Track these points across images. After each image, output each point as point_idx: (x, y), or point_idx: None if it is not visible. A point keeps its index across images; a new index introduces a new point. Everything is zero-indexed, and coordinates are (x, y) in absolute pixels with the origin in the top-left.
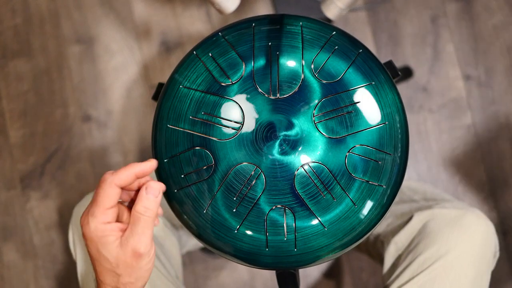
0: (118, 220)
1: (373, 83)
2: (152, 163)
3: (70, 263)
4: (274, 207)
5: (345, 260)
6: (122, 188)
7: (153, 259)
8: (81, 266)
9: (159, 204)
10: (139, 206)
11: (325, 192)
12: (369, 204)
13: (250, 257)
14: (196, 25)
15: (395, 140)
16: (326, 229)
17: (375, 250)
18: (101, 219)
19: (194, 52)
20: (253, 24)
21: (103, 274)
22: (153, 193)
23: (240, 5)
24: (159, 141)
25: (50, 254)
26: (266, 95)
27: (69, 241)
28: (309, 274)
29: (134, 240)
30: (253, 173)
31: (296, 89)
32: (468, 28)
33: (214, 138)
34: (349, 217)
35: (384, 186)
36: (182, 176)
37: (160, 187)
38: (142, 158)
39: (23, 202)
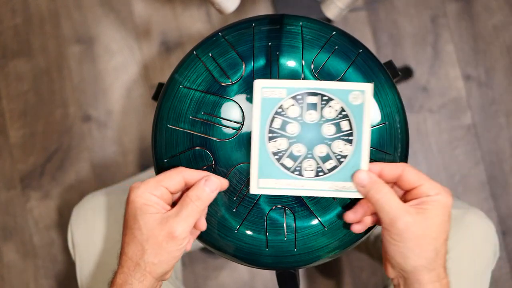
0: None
1: (373, 83)
2: (224, 184)
3: (70, 263)
4: (274, 207)
5: (345, 260)
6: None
7: (183, 249)
8: (80, 266)
9: (211, 200)
10: (192, 192)
11: None
12: None
13: (250, 257)
14: (196, 25)
15: (395, 140)
16: (326, 229)
17: (375, 250)
18: (151, 189)
19: (194, 52)
20: (253, 24)
21: (129, 245)
22: (210, 187)
23: (240, 5)
24: (159, 141)
25: (50, 254)
26: None
27: (68, 242)
28: (309, 274)
29: (175, 221)
30: None
31: None
32: (468, 28)
33: (214, 138)
34: None
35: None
36: None
37: (220, 184)
38: (142, 158)
39: (23, 202)
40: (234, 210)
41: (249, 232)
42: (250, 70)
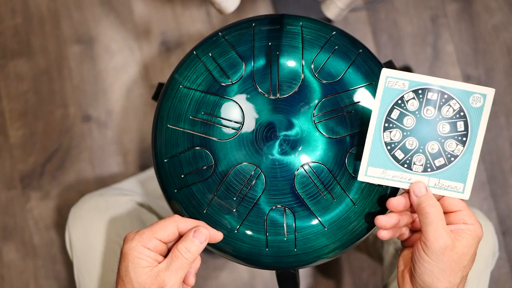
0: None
1: (373, 83)
2: (218, 236)
3: (70, 263)
4: (274, 207)
5: (345, 260)
6: (179, 235)
7: None
8: (78, 267)
9: (200, 251)
10: (181, 245)
11: (325, 192)
12: (369, 204)
13: (250, 257)
14: (196, 25)
15: None
16: (326, 229)
17: (375, 250)
18: (145, 242)
19: (194, 52)
20: (253, 24)
21: None
22: (199, 239)
23: (240, 5)
24: (159, 141)
25: (50, 254)
26: (266, 95)
27: (66, 242)
28: (309, 274)
29: (165, 274)
30: (253, 173)
31: (296, 89)
32: (468, 28)
33: (214, 138)
34: (349, 217)
35: (384, 186)
36: (182, 176)
37: (208, 234)
38: (142, 158)
39: (23, 202)
40: (234, 210)
41: (249, 232)
42: (250, 70)
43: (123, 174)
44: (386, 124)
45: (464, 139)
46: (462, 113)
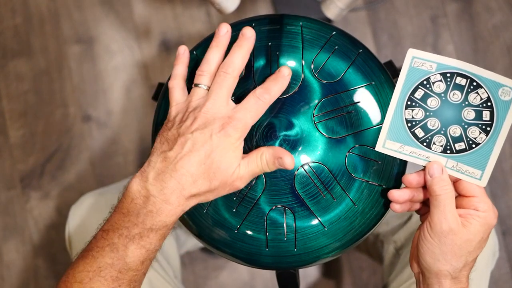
0: None
1: (373, 83)
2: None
3: (70, 263)
4: (274, 207)
5: (345, 260)
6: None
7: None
8: None
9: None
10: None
11: (325, 192)
12: (369, 204)
13: (250, 257)
14: (196, 25)
15: None
16: (326, 229)
17: (375, 250)
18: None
19: (194, 52)
20: (253, 24)
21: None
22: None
23: (240, 5)
24: None
25: (50, 254)
26: None
27: (66, 242)
28: (309, 274)
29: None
30: None
31: (296, 89)
32: (468, 28)
33: None
34: (349, 217)
35: (384, 186)
36: None
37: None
38: (142, 158)
39: (23, 202)
40: (234, 210)
41: (249, 232)
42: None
43: (123, 174)
44: (409, 103)
45: (488, 129)
46: (489, 103)
